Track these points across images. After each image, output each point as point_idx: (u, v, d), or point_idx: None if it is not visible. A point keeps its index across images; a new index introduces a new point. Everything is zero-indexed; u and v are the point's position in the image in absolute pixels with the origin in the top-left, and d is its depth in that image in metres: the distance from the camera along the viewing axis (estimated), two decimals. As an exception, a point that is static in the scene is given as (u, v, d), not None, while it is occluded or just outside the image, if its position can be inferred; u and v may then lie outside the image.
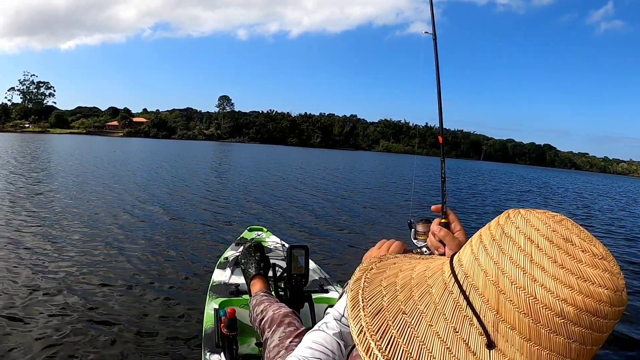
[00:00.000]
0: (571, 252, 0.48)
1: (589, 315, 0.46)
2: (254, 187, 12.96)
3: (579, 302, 0.45)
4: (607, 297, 0.46)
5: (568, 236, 0.49)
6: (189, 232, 6.22)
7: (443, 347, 0.50)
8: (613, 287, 0.46)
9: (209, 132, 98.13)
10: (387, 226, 8.20)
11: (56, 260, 4.44)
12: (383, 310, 0.55)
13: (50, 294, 3.56)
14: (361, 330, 0.54)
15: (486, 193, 18.61)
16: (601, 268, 0.47)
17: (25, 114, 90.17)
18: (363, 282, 0.61)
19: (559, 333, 0.46)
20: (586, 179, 56.77)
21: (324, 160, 37.13)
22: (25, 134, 69.81)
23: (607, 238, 9.05)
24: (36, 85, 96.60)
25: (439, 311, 0.53)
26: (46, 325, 3.03)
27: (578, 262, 0.47)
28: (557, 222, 0.51)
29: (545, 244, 0.48)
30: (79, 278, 3.97)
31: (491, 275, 0.49)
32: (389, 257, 0.68)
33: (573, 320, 0.46)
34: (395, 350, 0.51)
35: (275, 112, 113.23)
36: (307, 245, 2.06)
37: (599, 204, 18.97)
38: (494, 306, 0.49)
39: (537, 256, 0.48)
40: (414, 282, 0.58)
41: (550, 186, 28.98)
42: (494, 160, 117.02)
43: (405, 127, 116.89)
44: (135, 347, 2.84)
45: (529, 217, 0.51)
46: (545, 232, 0.49)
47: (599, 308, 0.46)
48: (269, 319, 1.61)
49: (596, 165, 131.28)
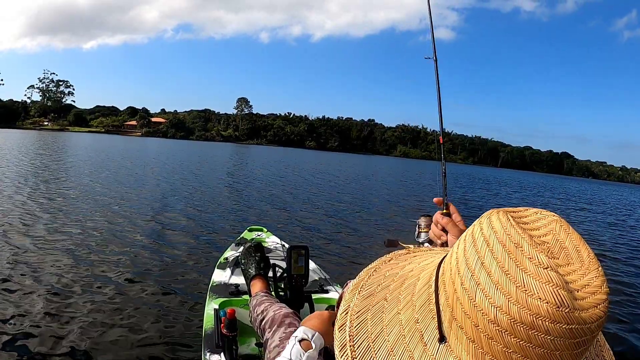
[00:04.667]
0: (519, 259, 0.44)
1: (525, 327, 0.43)
2: (256, 188, 12.97)
3: (513, 312, 0.43)
4: (545, 311, 0.42)
5: (519, 241, 0.46)
6: (189, 232, 6.17)
7: (399, 334, 0.52)
8: (555, 301, 0.42)
9: (226, 134, 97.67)
10: (387, 226, 8.19)
11: (56, 259, 4.37)
12: (372, 295, 0.59)
13: (49, 293, 3.51)
14: (346, 311, 0.58)
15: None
16: (544, 279, 0.43)
17: (44, 112, 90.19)
18: (372, 270, 0.64)
19: (496, 341, 0.45)
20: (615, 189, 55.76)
21: (335, 164, 37.33)
22: (44, 131, 69.90)
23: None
24: (55, 83, 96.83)
25: (412, 302, 0.54)
26: (46, 324, 2.99)
27: (523, 270, 0.44)
28: (520, 224, 0.48)
29: (498, 248, 0.46)
30: (78, 276, 3.94)
31: (452, 273, 0.49)
32: (409, 250, 0.70)
33: (508, 330, 0.44)
34: (361, 330, 0.55)
35: (293, 115, 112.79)
36: (307, 246, 2.03)
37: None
38: (450, 304, 0.49)
39: (488, 260, 0.46)
40: (411, 273, 0.60)
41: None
42: (511, 167, 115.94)
43: (422, 133, 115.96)
44: (136, 347, 2.81)
45: (493, 219, 0.49)
46: (501, 235, 0.46)
47: (536, 322, 0.42)
48: (269, 319, 1.58)
49: (614, 175, 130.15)
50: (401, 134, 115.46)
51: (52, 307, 3.27)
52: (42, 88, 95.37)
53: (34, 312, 3.17)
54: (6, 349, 2.67)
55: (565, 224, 0.50)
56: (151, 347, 2.85)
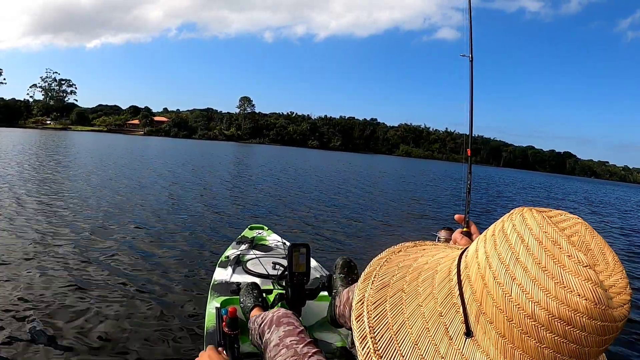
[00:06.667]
0: (557, 256, 0.45)
1: (562, 323, 0.43)
2: (258, 186, 12.94)
3: (552, 307, 0.43)
4: (584, 307, 0.43)
5: (557, 239, 0.46)
6: (190, 230, 6.13)
7: (423, 327, 0.52)
8: (593, 299, 0.43)
9: (229, 133, 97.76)
10: (387, 226, 8.16)
11: (55, 258, 4.37)
12: (387, 286, 0.59)
13: (49, 291, 3.51)
14: (361, 300, 0.59)
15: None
16: (584, 276, 0.44)
17: (47, 111, 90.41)
18: (384, 261, 0.65)
19: (530, 335, 0.45)
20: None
21: (337, 163, 37.28)
22: (47, 130, 70.19)
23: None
24: (58, 82, 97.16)
25: (433, 294, 0.55)
26: (45, 321, 2.99)
27: (561, 267, 0.45)
28: (555, 223, 0.49)
29: (534, 245, 0.46)
30: (77, 274, 3.93)
31: (481, 268, 0.50)
32: (416, 243, 0.71)
33: (544, 325, 0.44)
34: (381, 321, 0.55)
35: (295, 114, 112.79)
36: (308, 244, 2.03)
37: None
38: (478, 298, 0.49)
39: (523, 256, 0.46)
40: (427, 266, 0.61)
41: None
42: (513, 167, 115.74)
43: (425, 132, 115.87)
44: (136, 346, 2.79)
45: (527, 216, 0.50)
46: (537, 232, 0.47)
47: (574, 317, 0.43)
48: (268, 320, 1.59)
49: (616, 174, 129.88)
50: (403, 133, 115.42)
51: (52, 306, 3.24)
52: (45, 87, 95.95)
53: (32, 308, 3.15)
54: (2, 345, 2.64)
55: (589, 227, 0.50)
56: (152, 345, 2.83)
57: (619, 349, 3.58)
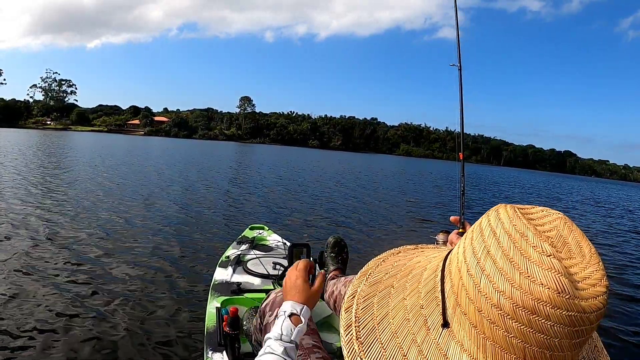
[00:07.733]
0: (523, 247, 0.46)
1: (527, 312, 0.44)
2: (258, 186, 12.92)
3: (516, 297, 0.45)
4: (546, 296, 0.44)
5: (525, 232, 0.48)
6: (190, 230, 6.14)
7: (404, 318, 0.55)
8: (556, 287, 0.44)
9: (229, 133, 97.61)
10: (387, 226, 8.14)
11: (55, 256, 4.39)
12: (379, 282, 0.62)
13: (49, 291, 3.51)
14: (353, 295, 0.62)
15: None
16: (547, 266, 0.45)
17: (47, 111, 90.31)
18: (381, 260, 0.68)
19: (498, 325, 0.46)
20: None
21: (337, 163, 37.21)
22: (47, 130, 70.12)
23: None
24: (58, 83, 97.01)
25: (418, 289, 0.57)
26: (46, 321, 3.00)
27: (527, 258, 0.46)
28: (527, 218, 0.50)
29: (504, 238, 0.48)
30: (78, 274, 3.93)
31: (459, 262, 0.51)
32: (417, 246, 0.73)
33: (509, 314, 0.45)
34: (366, 312, 0.58)
35: (295, 113, 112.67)
36: (308, 244, 1.98)
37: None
38: (455, 291, 0.51)
39: (494, 248, 0.48)
40: (419, 264, 0.63)
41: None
42: (514, 166, 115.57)
43: (425, 132, 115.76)
44: (136, 346, 2.80)
45: (501, 212, 0.51)
46: (508, 226, 0.49)
47: (537, 306, 0.44)
48: (271, 301, 1.57)
49: (617, 173, 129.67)
50: (404, 132, 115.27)
51: (52, 306, 3.26)
52: (45, 87, 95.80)
53: (32, 308, 3.16)
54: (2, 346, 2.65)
55: (569, 222, 0.51)
56: (152, 345, 2.84)
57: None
